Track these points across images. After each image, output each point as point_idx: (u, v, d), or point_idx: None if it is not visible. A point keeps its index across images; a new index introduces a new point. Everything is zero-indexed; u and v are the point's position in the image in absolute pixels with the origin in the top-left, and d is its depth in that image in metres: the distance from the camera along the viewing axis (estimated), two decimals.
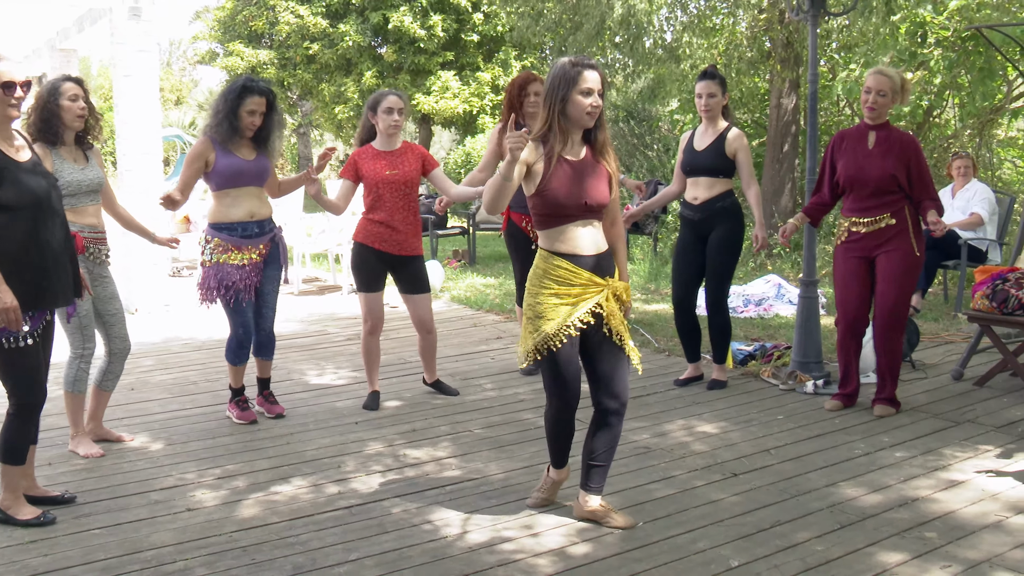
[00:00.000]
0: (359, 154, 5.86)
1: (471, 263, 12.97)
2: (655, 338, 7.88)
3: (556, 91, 3.68)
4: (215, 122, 5.38)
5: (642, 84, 16.02)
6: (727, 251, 6.16)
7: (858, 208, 5.63)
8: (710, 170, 6.12)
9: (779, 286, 9.45)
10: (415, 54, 21.91)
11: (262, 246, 5.50)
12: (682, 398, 6.16)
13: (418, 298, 6.02)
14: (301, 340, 8.17)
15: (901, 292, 5.53)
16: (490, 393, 6.36)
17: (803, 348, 6.47)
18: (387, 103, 5.78)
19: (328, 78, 23.00)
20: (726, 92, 6.19)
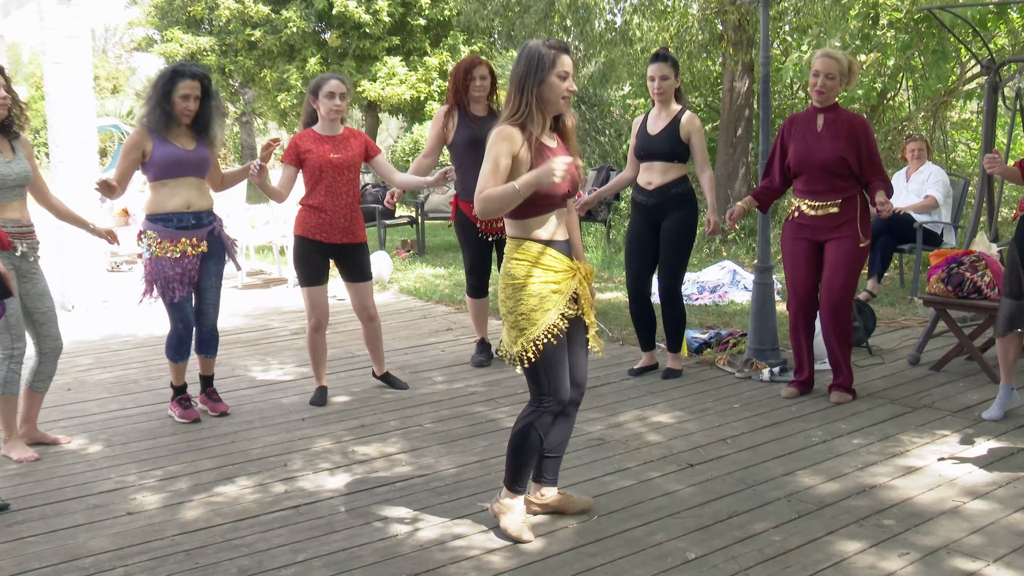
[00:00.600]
0: (300, 138, 5.79)
1: (420, 253, 12.92)
2: (608, 327, 7.90)
3: (533, 74, 3.62)
4: (149, 110, 5.31)
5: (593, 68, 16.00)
6: (681, 239, 6.18)
7: (808, 191, 5.68)
8: (664, 155, 6.13)
9: (734, 272, 9.51)
10: (360, 39, 21.76)
11: (197, 239, 5.41)
12: (636, 388, 6.17)
13: (360, 286, 5.99)
14: (245, 335, 8.08)
15: (847, 279, 5.60)
16: (440, 386, 6.33)
17: (759, 335, 6.52)
18: (328, 87, 5.72)
19: (271, 65, 22.78)
20: (679, 75, 6.20)
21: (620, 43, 12.46)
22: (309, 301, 5.88)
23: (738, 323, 7.87)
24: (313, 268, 5.83)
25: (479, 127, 6.46)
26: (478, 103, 6.55)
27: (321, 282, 5.86)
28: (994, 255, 6.36)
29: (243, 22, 22.24)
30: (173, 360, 5.57)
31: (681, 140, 6.11)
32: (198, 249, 5.43)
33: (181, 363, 5.59)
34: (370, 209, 12.96)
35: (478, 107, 6.56)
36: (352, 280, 5.99)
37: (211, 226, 5.50)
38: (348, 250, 5.88)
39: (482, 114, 6.56)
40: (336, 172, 5.74)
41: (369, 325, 6.13)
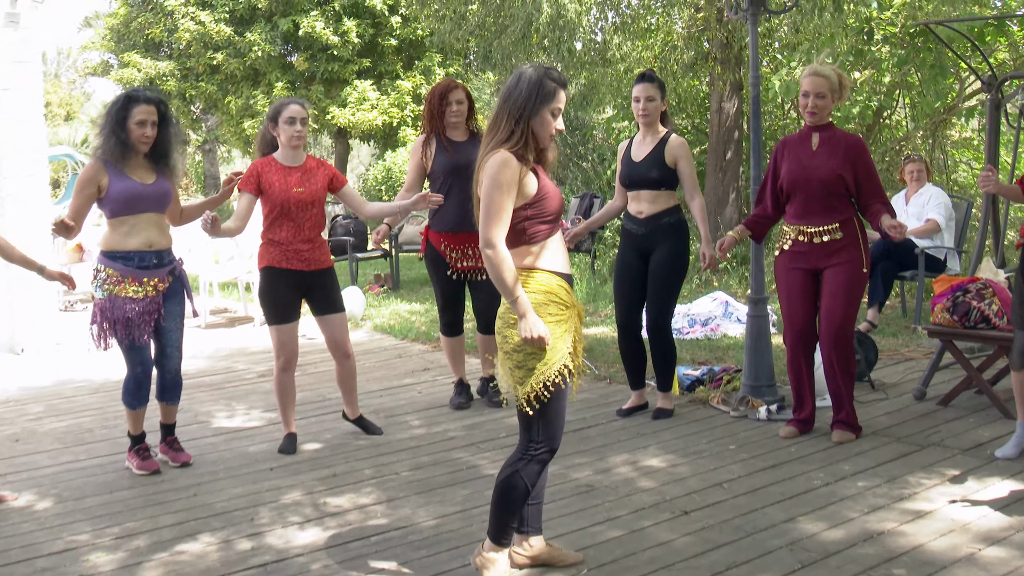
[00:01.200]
0: (263, 166, 5.75)
1: (395, 288, 12.88)
2: (595, 364, 7.86)
3: (529, 102, 3.62)
4: (103, 140, 5.25)
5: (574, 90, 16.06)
6: (671, 272, 6.18)
7: (803, 214, 5.68)
8: (651, 182, 6.13)
9: (726, 304, 9.50)
10: (328, 62, 21.79)
11: (158, 279, 5.35)
12: (626, 430, 6.13)
13: (332, 318, 5.94)
14: (209, 378, 8.01)
15: (848, 307, 5.59)
16: (418, 431, 6.28)
17: (754, 371, 6.49)
18: (288, 112, 5.70)
19: (234, 90, 22.77)
20: (665, 96, 6.21)
21: (600, 63, 12.50)
22: (277, 339, 5.82)
23: (732, 358, 7.85)
24: (282, 304, 5.77)
25: (456, 153, 6.45)
26: (456, 128, 6.54)
27: (290, 319, 5.81)
28: (1001, 282, 6.36)
29: (204, 45, 22.25)
30: (130, 407, 5.49)
31: (668, 165, 6.11)
32: (158, 289, 5.37)
33: (139, 409, 5.51)
34: (341, 242, 12.91)
35: (456, 132, 6.55)
36: (323, 312, 5.93)
37: (172, 265, 5.45)
38: (316, 279, 5.83)
39: (461, 139, 6.54)
40: (300, 208, 5.71)
41: (344, 363, 6.07)
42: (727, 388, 6.73)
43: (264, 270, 5.80)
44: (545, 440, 3.71)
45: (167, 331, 5.47)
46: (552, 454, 3.76)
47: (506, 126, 3.62)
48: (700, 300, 9.92)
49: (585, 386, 7.27)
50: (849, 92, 5.81)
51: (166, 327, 5.46)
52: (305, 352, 8.27)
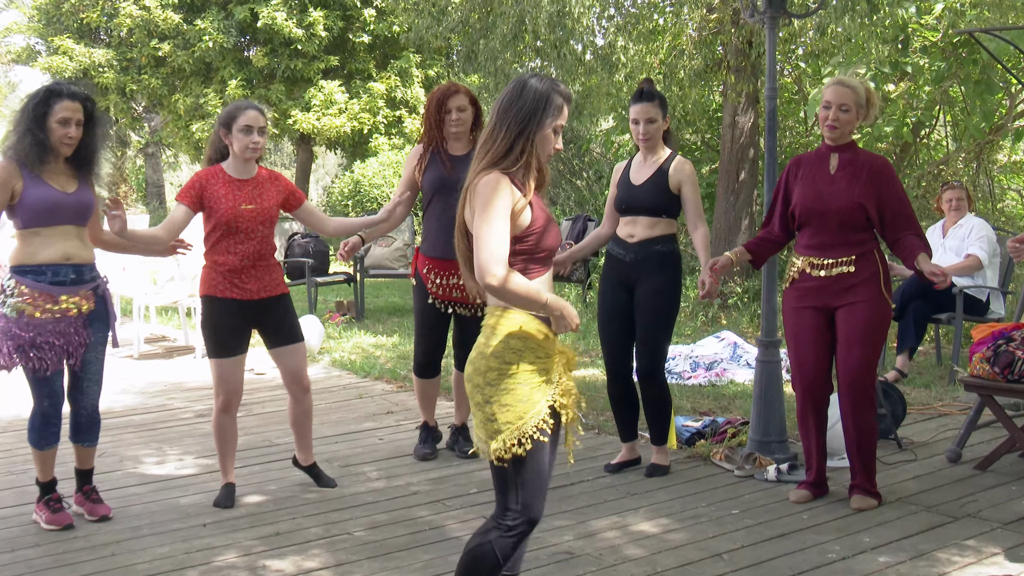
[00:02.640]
0: (208, 177, 5.73)
1: (358, 318, 12.85)
2: (583, 412, 7.82)
3: (535, 116, 3.65)
4: (17, 138, 5.22)
5: None
6: (661, 307, 6.18)
7: (816, 246, 5.69)
8: (650, 209, 6.15)
9: (735, 346, 9.51)
10: (291, 58, 21.82)
11: (79, 298, 5.31)
12: (614, 488, 6.11)
13: (290, 350, 5.94)
14: (139, 417, 7.97)
15: (867, 353, 5.59)
16: (376, 484, 6.25)
17: (763, 424, 6.49)
18: (244, 119, 5.68)
19: (182, 86, 22.78)
20: (667, 114, 6.23)
21: (601, 69, 12.54)
22: (218, 375, 5.79)
23: (739, 408, 7.85)
24: (228, 334, 5.75)
25: (452, 168, 6.41)
26: (457, 140, 6.51)
27: (235, 352, 5.79)
28: None
29: (148, 33, 22.23)
30: (37, 447, 5.44)
31: (670, 191, 6.13)
32: (77, 310, 5.32)
33: (48, 451, 5.46)
34: (299, 264, 12.88)
35: (457, 145, 6.52)
36: (278, 344, 5.92)
37: (94, 283, 5.40)
38: (268, 307, 5.82)
39: (461, 152, 6.51)
40: (249, 227, 5.70)
41: (301, 400, 6.06)
42: (732, 443, 6.72)
43: (205, 299, 5.78)
44: (521, 509, 3.67)
45: (86, 361, 5.43)
46: (531, 527, 3.72)
47: (504, 140, 3.64)
48: (706, 340, 9.92)
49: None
50: (877, 112, 5.82)
51: (85, 356, 5.41)
52: (252, 390, 8.22)
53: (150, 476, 6.43)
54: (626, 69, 12.76)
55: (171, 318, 12.89)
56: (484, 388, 3.63)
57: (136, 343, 10.77)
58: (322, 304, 13.90)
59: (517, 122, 3.63)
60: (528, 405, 3.60)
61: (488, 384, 3.62)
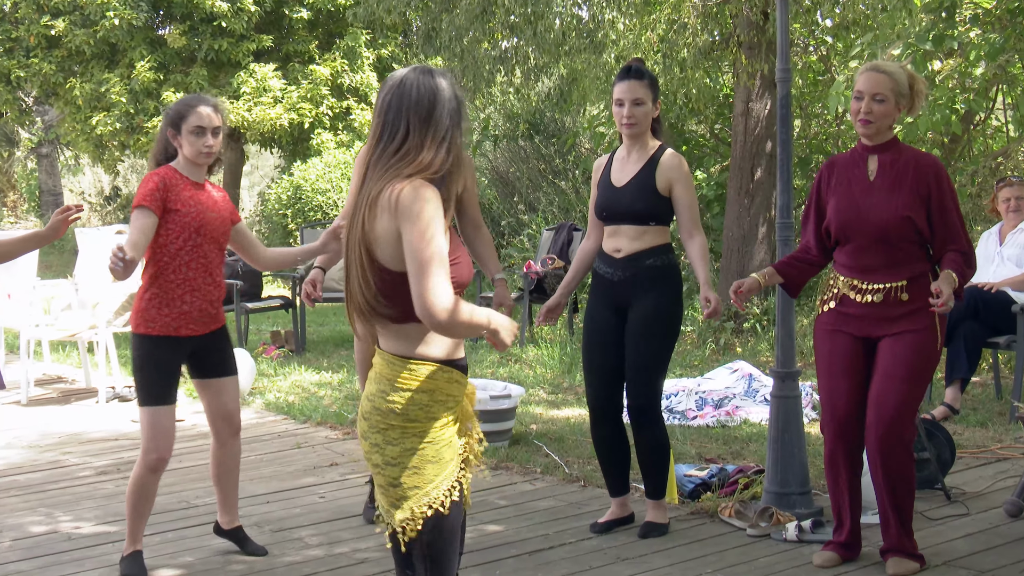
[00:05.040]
0: (169, 178, 5.78)
1: (298, 351, 12.83)
2: (564, 460, 7.88)
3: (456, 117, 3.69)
4: None
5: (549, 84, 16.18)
6: (655, 334, 6.21)
7: (859, 267, 5.71)
8: (635, 215, 6.18)
9: (750, 378, 9.55)
10: (214, 37, 21.80)
11: None
12: (602, 552, 6.13)
13: (224, 383, 6.03)
14: (25, 476, 7.96)
15: (908, 393, 5.61)
16: (315, 552, 6.28)
17: (781, 472, 6.52)
18: (196, 118, 5.75)
19: (82, 71, 22.71)
20: (658, 97, 6.27)
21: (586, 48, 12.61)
22: (153, 427, 5.80)
23: (753, 453, 7.89)
24: (166, 378, 5.82)
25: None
26: None
27: (171, 400, 5.85)
28: None
29: (38, 7, 22.17)
30: None
31: (659, 192, 6.16)
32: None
33: None
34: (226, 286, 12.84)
35: None
36: (211, 375, 6.00)
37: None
38: (206, 341, 5.93)
39: None
40: (213, 238, 5.81)
41: (229, 445, 6.13)
42: (744, 496, 6.76)
43: (144, 338, 5.79)
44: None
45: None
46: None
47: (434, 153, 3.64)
48: (716, 372, 9.95)
49: (551, 488, 7.29)
50: (923, 101, 5.79)
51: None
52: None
53: (38, 548, 6.42)
54: (617, 48, 12.83)
55: (68, 355, 12.84)
56: (384, 448, 3.66)
57: (24, 386, 10.72)
58: (254, 335, 13.89)
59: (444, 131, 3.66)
60: (439, 466, 3.66)
61: (388, 443, 3.65)
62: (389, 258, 3.58)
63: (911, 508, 5.75)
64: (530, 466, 7.81)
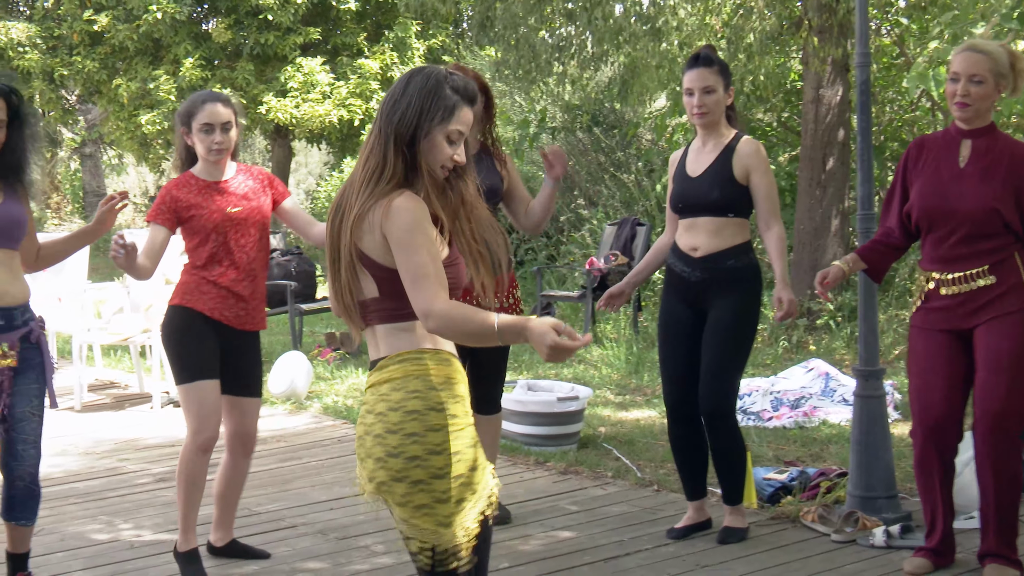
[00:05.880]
0: (178, 187, 5.88)
1: (354, 353, 12.85)
2: (636, 464, 7.86)
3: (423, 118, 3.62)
4: None
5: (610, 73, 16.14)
6: (734, 334, 6.20)
7: (942, 258, 5.66)
8: (713, 206, 6.16)
9: (827, 377, 9.50)
10: (260, 31, 21.88)
11: (7, 346, 5.37)
12: (679, 559, 6.12)
13: (248, 403, 6.09)
14: (83, 484, 8.01)
15: (1012, 383, 5.53)
16: (382, 559, 6.29)
17: (866, 475, 6.48)
18: (204, 115, 5.81)
19: (125, 68, 22.84)
20: (731, 84, 6.25)
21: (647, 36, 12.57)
22: (198, 403, 5.86)
23: (834, 456, 7.85)
24: (203, 351, 5.86)
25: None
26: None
27: (212, 374, 5.88)
28: None
29: (81, 4, 22.31)
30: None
31: (737, 181, 6.15)
32: (5, 361, 5.38)
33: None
34: (279, 288, 12.89)
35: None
36: (239, 393, 6.05)
37: (26, 328, 5.45)
38: (239, 342, 5.96)
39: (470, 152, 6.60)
40: (239, 232, 5.85)
41: (241, 464, 6.18)
42: (827, 500, 6.73)
43: (176, 308, 5.88)
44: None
45: (19, 420, 5.43)
46: None
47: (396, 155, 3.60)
48: (790, 371, 9.91)
49: (623, 494, 7.30)
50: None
51: (16, 414, 5.43)
52: None
53: (100, 557, 6.46)
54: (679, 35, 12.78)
55: (120, 359, 12.93)
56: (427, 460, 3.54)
57: (78, 392, 10.80)
58: (309, 337, 13.93)
59: (405, 130, 3.61)
60: (481, 472, 3.65)
61: (432, 453, 3.54)
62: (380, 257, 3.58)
63: (1016, 511, 5.69)
64: (600, 470, 7.80)
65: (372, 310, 3.62)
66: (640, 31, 12.77)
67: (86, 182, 32.36)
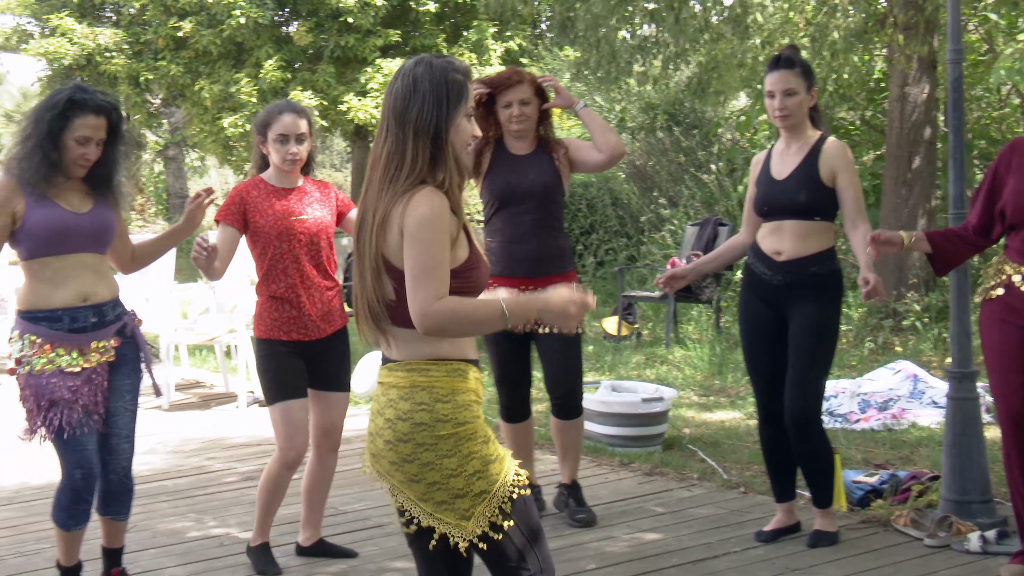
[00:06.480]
0: (247, 189, 5.97)
1: None
2: (722, 465, 7.81)
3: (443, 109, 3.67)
4: (23, 153, 5.29)
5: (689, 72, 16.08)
6: (818, 342, 6.14)
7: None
8: (799, 209, 6.11)
9: (915, 379, 9.40)
10: (341, 34, 21.98)
11: (103, 343, 5.41)
12: (769, 562, 6.08)
13: (335, 398, 6.16)
14: (172, 482, 8.08)
15: None
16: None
17: (959, 479, 6.41)
18: (279, 126, 5.89)
19: (209, 72, 23.03)
20: (813, 85, 6.19)
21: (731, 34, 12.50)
22: (286, 424, 5.96)
23: (925, 459, 7.77)
24: (288, 374, 5.95)
25: (518, 171, 6.61)
26: (520, 139, 6.66)
27: (300, 394, 5.99)
28: None
29: (166, 9, 22.52)
30: (64, 527, 5.53)
31: (823, 183, 6.08)
32: (105, 357, 5.43)
33: (76, 531, 5.55)
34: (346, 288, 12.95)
35: (519, 144, 6.68)
36: (325, 387, 6.13)
37: (120, 322, 5.50)
38: (327, 345, 6.05)
39: (524, 151, 6.68)
40: (302, 240, 5.90)
41: (327, 460, 6.23)
42: (919, 503, 6.65)
43: (261, 342, 6.00)
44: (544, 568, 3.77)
45: (113, 415, 5.50)
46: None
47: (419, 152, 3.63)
48: (877, 373, 9.82)
49: (708, 496, 7.27)
50: None
51: (112, 409, 5.49)
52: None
53: (191, 554, 6.51)
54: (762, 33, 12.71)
55: (206, 359, 13.04)
56: (439, 463, 3.65)
57: (166, 391, 10.91)
58: None
59: (426, 124, 3.64)
60: (499, 464, 3.70)
61: (444, 456, 3.64)
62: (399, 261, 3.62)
63: None
64: (686, 472, 7.76)
65: (390, 312, 3.67)
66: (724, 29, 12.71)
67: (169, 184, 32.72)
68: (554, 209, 6.69)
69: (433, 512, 3.68)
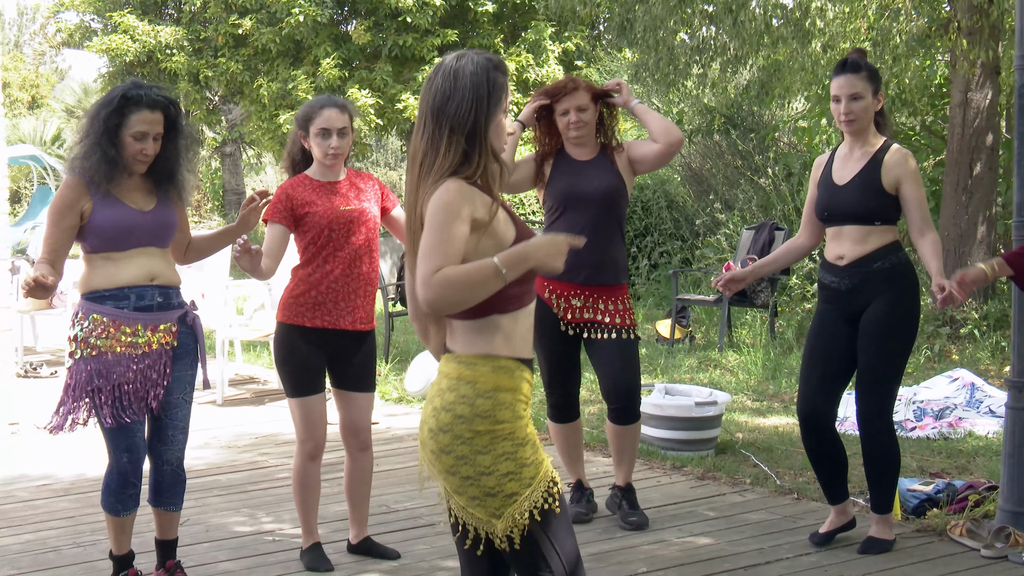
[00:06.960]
0: (293, 187, 6.01)
1: None
2: (775, 471, 7.76)
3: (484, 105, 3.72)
4: (84, 152, 5.36)
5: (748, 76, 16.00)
6: (891, 337, 6.10)
7: None
8: (860, 215, 6.07)
9: (972, 388, 9.33)
10: (399, 33, 22.05)
11: (165, 326, 5.45)
12: (822, 569, 6.05)
13: (360, 398, 6.19)
14: (226, 476, 8.12)
15: None
16: None
17: (1017, 489, 6.35)
18: (321, 120, 5.92)
19: (267, 69, 23.16)
20: (880, 90, 6.14)
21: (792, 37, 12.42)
22: (304, 417, 6.04)
23: (982, 468, 7.71)
24: (304, 368, 6.00)
25: (581, 176, 6.60)
26: (580, 146, 6.66)
27: (317, 389, 6.05)
28: None
29: (226, 7, 22.69)
30: (113, 512, 5.58)
31: (885, 191, 6.04)
32: (169, 340, 5.48)
33: (125, 516, 5.59)
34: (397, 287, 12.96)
35: (580, 150, 6.69)
36: (348, 387, 6.16)
37: (183, 309, 5.56)
38: (350, 343, 6.07)
39: (586, 157, 6.69)
40: (349, 230, 5.94)
41: (359, 459, 6.26)
42: (975, 513, 6.59)
43: (281, 326, 6.04)
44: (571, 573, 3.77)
45: (170, 405, 5.55)
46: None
47: (453, 147, 3.68)
48: (933, 381, 9.74)
49: (761, 501, 7.23)
50: None
51: (170, 400, 5.54)
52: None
53: (244, 549, 6.54)
54: (823, 37, 12.62)
55: (260, 355, 13.10)
56: (474, 458, 3.69)
57: (220, 386, 10.97)
58: None
59: (463, 120, 3.69)
60: (533, 468, 3.72)
61: (479, 452, 3.69)
62: None
63: None
64: (738, 476, 7.72)
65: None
66: (784, 33, 12.64)
67: (226, 180, 32.85)
68: (618, 215, 6.68)
69: (465, 506, 3.75)
